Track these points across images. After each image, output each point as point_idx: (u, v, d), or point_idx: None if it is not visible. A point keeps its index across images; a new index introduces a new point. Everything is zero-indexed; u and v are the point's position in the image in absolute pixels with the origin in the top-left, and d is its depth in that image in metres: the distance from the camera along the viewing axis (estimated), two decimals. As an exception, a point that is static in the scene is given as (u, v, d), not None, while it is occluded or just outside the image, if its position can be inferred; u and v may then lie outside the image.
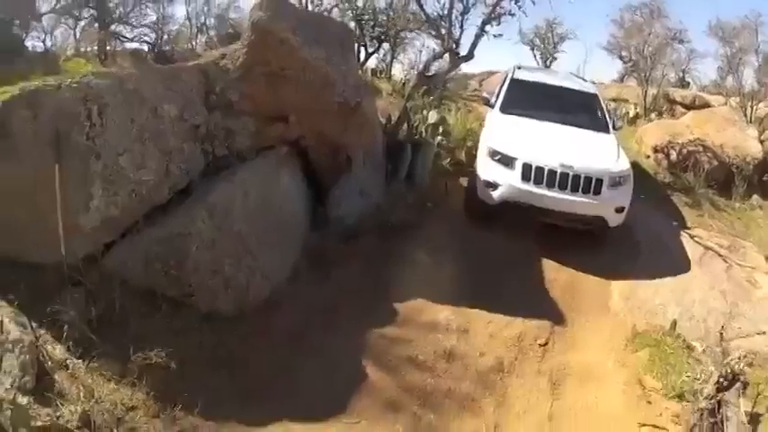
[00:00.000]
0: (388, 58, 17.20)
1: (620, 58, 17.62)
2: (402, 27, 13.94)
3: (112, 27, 17.42)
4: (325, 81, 5.12)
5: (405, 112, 7.11)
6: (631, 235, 6.50)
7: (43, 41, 16.39)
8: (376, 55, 16.27)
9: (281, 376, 3.55)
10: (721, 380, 3.79)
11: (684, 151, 9.70)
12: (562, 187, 5.70)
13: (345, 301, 4.29)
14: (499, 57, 21.37)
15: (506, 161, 5.89)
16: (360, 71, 9.99)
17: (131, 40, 18.04)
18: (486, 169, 6.01)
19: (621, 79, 18.47)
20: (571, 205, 5.71)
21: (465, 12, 8.03)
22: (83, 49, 16.53)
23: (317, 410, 3.33)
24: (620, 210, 5.95)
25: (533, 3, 8.07)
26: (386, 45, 16.06)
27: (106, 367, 3.34)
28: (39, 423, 3.00)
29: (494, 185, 5.87)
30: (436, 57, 8.22)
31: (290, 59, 4.88)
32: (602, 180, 5.73)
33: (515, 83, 7.54)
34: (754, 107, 12.09)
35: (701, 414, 3.75)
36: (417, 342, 3.97)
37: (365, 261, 4.88)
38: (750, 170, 9.88)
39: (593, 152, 6.18)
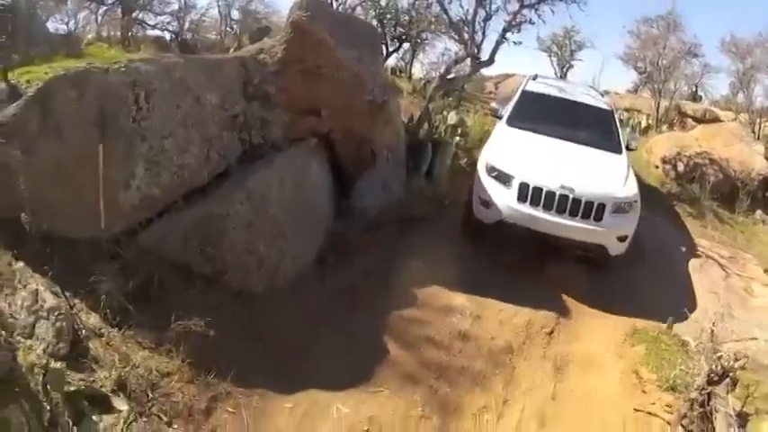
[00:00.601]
0: (408, 57, 17.48)
1: (636, 68, 17.80)
2: (423, 28, 14.22)
3: (135, 13, 17.71)
4: (357, 80, 5.46)
5: (426, 112, 7.45)
6: (638, 242, 6.76)
7: (67, 24, 16.68)
8: (396, 54, 16.58)
9: (309, 349, 3.85)
10: (711, 374, 4.04)
11: (691, 163, 10.01)
12: (560, 211, 5.37)
13: (367, 285, 4.62)
14: (517, 60, 21.48)
15: (503, 179, 5.59)
16: (381, 70, 10.29)
17: (153, 27, 18.34)
18: (482, 186, 5.71)
19: (636, 90, 18.66)
20: (569, 231, 5.39)
21: (487, 18, 8.34)
22: (104, 34, 16.80)
23: (342, 381, 3.61)
24: (622, 238, 5.62)
25: (552, 12, 8.41)
26: (406, 44, 16.36)
27: (142, 336, 3.51)
28: (72, 387, 3.07)
29: (489, 204, 5.58)
30: (458, 61, 8.53)
31: (325, 58, 5.22)
32: (604, 205, 5.40)
33: (526, 95, 7.26)
34: (762, 124, 12.34)
35: (692, 404, 3.97)
36: (434, 324, 4.31)
37: (385, 249, 5.21)
38: (755, 185, 10.15)
39: (599, 175, 5.82)
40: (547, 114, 6.78)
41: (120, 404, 3.17)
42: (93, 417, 3.07)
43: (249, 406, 3.38)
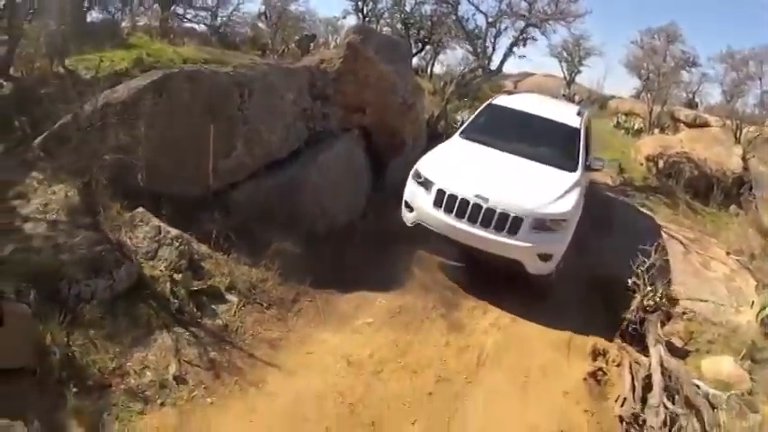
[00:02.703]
0: (428, 57, 19.13)
1: (639, 75, 19.22)
2: (444, 33, 15.89)
3: (173, 7, 18.87)
4: (393, 87, 7.27)
5: (444, 111, 9.22)
6: (611, 222, 8.26)
7: (112, 15, 17.88)
8: (418, 54, 18.24)
9: (359, 269, 5.56)
10: (646, 305, 5.38)
11: (671, 161, 11.58)
12: (473, 221, 5.31)
13: (398, 235, 6.27)
14: (538, 60, 23.05)
15: (426, 185, 5.67)
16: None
17: (190, 20, 19.62)
18: (408, 189, 5.93)
19: (638, 95, 20.11)
20: (483, 242, 5.30)
21: (497, 35, 10.11)
22: (140, 24, 18.00)
23: (382, 287, 5.32)
24: (545, 257, 5.38)
25: (554, 32, 10.11)
26: (428, 47, 18.04)
27: (242, 258, 4.94)
28: (194, 287, 4.31)
29: (410, 207, 5.79)
30: (472, 70, 10.30)
31: (372, 71, 7.03)
32: (520, 219, 5.24)
33: (490, 108, 7.25)
34: (744, 129, 13.73)
35: (627, 324, 5.32)
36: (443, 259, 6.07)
37: (410, 212, 6.96)
38: (729, 183, 11.55)
39: (526, 189, 5.58)
40: (503, 128, 6.74)
41: (232, 297, 4.55)
42: (212, 306, 4.37)
43: (321, 298, 5.06)
